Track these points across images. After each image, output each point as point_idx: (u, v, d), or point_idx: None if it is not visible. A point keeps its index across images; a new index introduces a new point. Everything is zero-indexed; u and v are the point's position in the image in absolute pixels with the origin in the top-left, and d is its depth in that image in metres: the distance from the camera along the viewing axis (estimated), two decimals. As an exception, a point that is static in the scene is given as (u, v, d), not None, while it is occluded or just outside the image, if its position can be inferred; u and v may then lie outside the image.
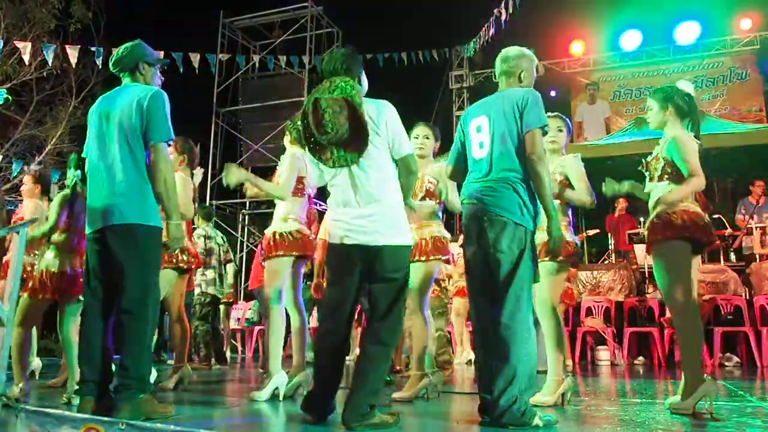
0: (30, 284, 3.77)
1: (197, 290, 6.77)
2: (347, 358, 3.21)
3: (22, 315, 3.74)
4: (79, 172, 3.79)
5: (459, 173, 3.14)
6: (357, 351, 6.84)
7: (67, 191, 3.82)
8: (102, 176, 2.96)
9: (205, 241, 6.80)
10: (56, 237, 3.79)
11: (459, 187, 3.33)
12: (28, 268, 3.97)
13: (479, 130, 2.99)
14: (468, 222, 2.93)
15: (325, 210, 3.59)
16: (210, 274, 6.75)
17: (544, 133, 2.89)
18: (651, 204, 3.28)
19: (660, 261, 3.16)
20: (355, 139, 2.66)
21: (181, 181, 4.03)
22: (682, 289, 3.07)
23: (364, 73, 2.92)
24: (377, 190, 2.71)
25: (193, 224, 6.32)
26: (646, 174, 3.36)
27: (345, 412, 2.66)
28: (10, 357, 3.21)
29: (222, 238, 7.15)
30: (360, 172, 2.72)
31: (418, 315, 3.72)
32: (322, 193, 3.41)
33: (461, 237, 5.66)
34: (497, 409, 2.65)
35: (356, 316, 5.51)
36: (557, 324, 3.47)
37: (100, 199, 2.95)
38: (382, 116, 2.73)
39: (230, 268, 7.14)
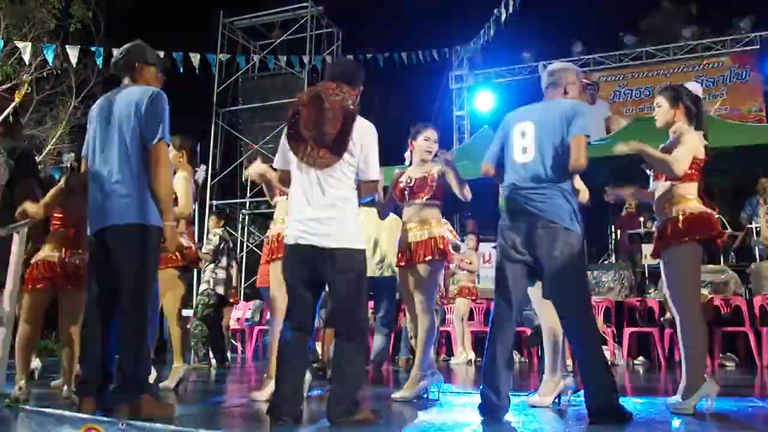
0: (29, 277, 3.72)
1: (204, 286, 6.76)
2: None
3: (27, 312, 3.72)
4: (73, 154, 3.75)
5: (495, 171, 3.21)
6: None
7: (62, 184, 3.80)
8: (102, 177, 2.96)
9: (221, 240, 6.81)
10: (55, 231, 3.77)
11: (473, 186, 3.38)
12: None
13: (524, 135, 3.05)
14: (513, 228, 2.99)
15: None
16: (220, 273, 6.75)
17: (588, 143, 2.96)
18: (656, 203, 3.29)
19: (672, 265, 3.17)
20: (333, 148, 2.74)
21: (184, 181, 4.02)
22: (691, 293, 3.11)
23: (361, 88, 2.96)
24: (334, 200, 2.78)
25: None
26: (650, 173, 3.36)
27: (329, 408, 2.71)
28: (11, 357, 3.21)
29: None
30: (323, 178, 2.79)
31: (424, 316, 3.71)
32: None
33: (468, 238, 5.68)
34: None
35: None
36: (555, 324, 3.48)
37: (99, 200, 2.96)
38: (359, 137, 2.80)
39: (234, 269, 7.17)
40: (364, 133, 2.83)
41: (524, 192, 2.98)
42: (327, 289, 2.91)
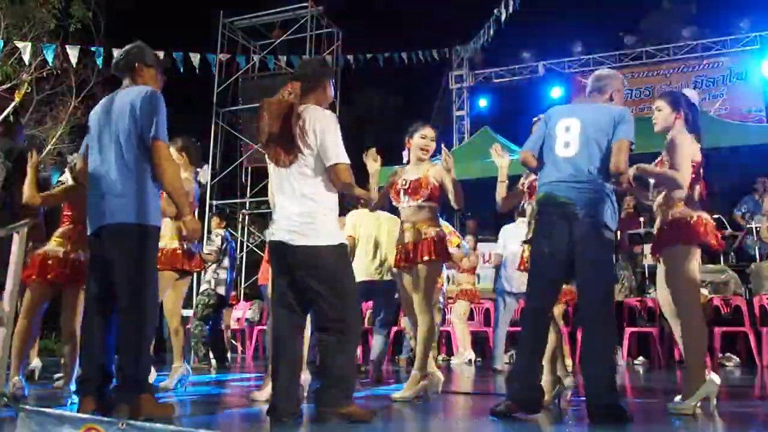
0: (32, 269, 3.72)
1: (204, 286, 6.76)
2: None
3: (27, 304, 3.73)
4: (77, 154, 3.79)
5: (533, 161, 3.22)
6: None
7: (72, 182, 3.81)
8: (99, 178, 2.98)
9: (223, 240, 6.81)
10: (60, 228, 3.79)
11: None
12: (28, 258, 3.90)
13: (568, 130, 3.09)
14: (553, 221, 3.01)
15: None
16: (222, 274, 6.74)
17: (630, 150, 3.02)
18: (657, 206, 3.31)
19: (671, 266, 3.20)
20: (286, 143, 2.80)
21: (185, 182, 4.03)
22: (690, 293, 3.14)
23: (331, 84, 3.03)
24: (305, 194, 2.81)
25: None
26: (651, 181, 3.38)
27: (317, 404, 2.75)
28: (11, 357, 3.21)
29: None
30: (292, 175, 2.84)
31: (424, 316, 3.71)
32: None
33: (467, 239, 5.65)
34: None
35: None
36: (554, 324, 3.49)
37: (96, 199, 2.98)
38: (313, 125, 2.81)
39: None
40: (316, 120, 2.82)
41: (566, 185, 3.01)
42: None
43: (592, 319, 2.95)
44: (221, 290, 6.71)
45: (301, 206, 2.81)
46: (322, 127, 2.81)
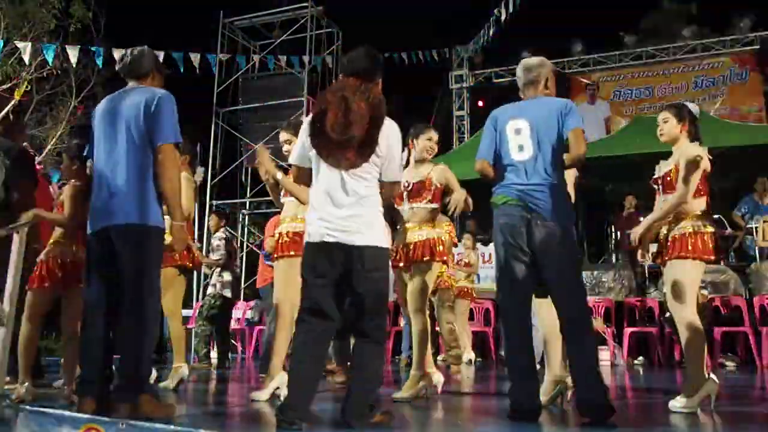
0: (36, 273, 3.69)
1: (210, 290, 6.76)
2: None
3: (30, 309, 3.71)
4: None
5: (490, 169, 3.15)
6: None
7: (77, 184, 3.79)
8: (107, 177, 2.97)
9: (226, 244, 6.80)
10: (58, 231, 3.76)
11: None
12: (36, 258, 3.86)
13: (518, 132, 3.05)
14: (514, 224, 2.96)
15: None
16: (227, 276, 6.74)
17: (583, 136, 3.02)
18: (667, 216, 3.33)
19: (676, 277, 3.23)
20: (360, 151, 2.68)
21: (186, 182, 4.03)
22: (689, 301, 3.18)
23: (380, 81, 2.92)
24: (363, 198, 2.74)
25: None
26: (658, 188, 3.40)
27: (345, 411, 2.66)
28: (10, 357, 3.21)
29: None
30: (348, 177, 2.73)
31: (419, 316, 3.71)
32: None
33: (465, 236, 5.69)
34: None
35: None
36: (554, 323, 3.49)
37: (103, 199, 2.97)
38: (385, 137, 2.75)
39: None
40: (390, 134, 2.77)
41: (524, 190, 2.97)
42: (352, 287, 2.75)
43: (569, 320, 2.92)
44: (227, 293, 6.72)
45: (358, 208, 2.72)
46: (392, 141, 2.77)
